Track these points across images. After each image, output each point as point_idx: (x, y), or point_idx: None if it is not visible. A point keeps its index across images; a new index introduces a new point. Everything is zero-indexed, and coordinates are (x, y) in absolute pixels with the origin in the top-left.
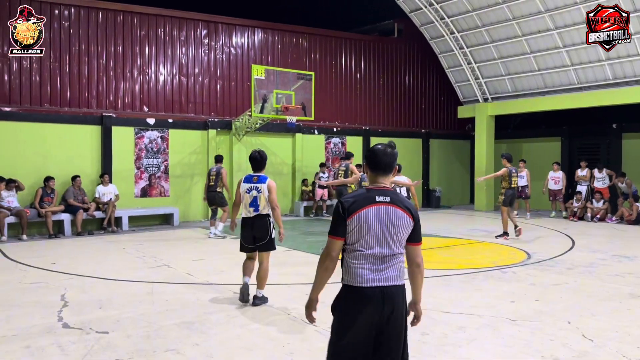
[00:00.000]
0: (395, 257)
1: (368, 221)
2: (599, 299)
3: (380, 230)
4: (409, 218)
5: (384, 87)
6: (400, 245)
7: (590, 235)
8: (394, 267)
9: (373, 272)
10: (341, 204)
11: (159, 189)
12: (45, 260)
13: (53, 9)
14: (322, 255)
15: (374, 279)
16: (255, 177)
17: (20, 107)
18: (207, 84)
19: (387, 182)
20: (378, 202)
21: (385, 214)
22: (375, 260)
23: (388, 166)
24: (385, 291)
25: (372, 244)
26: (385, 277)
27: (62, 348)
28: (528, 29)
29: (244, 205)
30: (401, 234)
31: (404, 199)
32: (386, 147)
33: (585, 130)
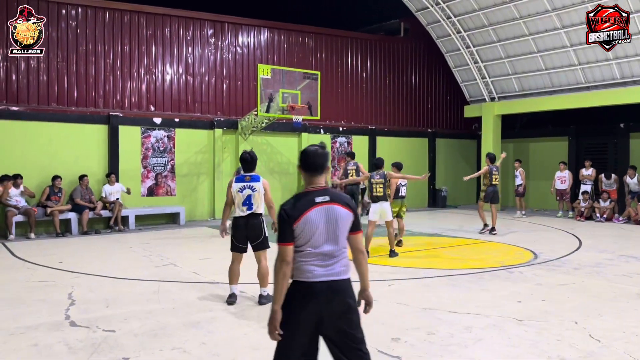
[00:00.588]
0: (342, 252)
1: (313, 223)
2: (606, 299)
3: (325, 229)
4: (349, 212)
5: (390, 86)
6: (345, 239)
7: (597, 235)
8: (341, 262)
9: (322, 268)
10: (284, 212)
11: (165, 188)
12: (53, 259)
13: (60, 9)
14: (276, 264)
15: (323, 274)
16: (247, 176)
17: (27, 106)
18: (214, 83)
19: (322, 182)
20: (319, 203)
21: (328, 213)
22: (323, 257)
23: (320, 166)
24: (332, 285)
25: (320, 243)
26: (333, 272)
27: (70, 346)
28: (535, 28)
29: (236, 205)
30: (344, 229)
31: (340, 194)
32: (317, 148)
33: (592, 130)
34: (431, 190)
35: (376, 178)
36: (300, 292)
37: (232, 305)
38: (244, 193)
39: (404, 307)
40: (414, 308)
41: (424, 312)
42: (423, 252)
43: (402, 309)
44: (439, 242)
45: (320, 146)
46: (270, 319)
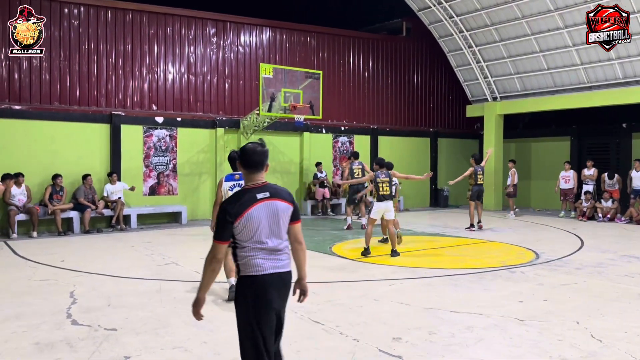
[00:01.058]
0: (285, 245)
1: (255, 219)
2: (608, 299)
3: (268, 225)
4: (289, 205)
5: (392, 85)
6: (286, 232)
7: (599, 235)
8: (284, 254)
9: (269, 261)
10: (226, 210)
11: (167, 188)
12: (55, 258)
13: (63, 8)
14: (208, 258)
15: (271, 267)
16: (237, 175)
17: (30, 105)
18: (216, 82)
19: (261, 178)
20: (260, 200)
21: (269, 208)
22: (268, 251)
23: (259, 164)
24: (281, 276)
25: (264, 238)
26: (279, 265)
27: (71, 345)
28: (537, 27)
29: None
30: (286, 223)
31: (279, 188)
32: (256, 145)
33: (594, 130)
34: (433, 190)
35: (382, 177)
36: (253, 286)
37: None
38: (234, 191)
39: (405, 307)
40: (415, 308)
41: (425, 312)
42: (424, 251)
43: (403, 309)
44: (441, 242)
45: (259, 144)
46: (195, 303)
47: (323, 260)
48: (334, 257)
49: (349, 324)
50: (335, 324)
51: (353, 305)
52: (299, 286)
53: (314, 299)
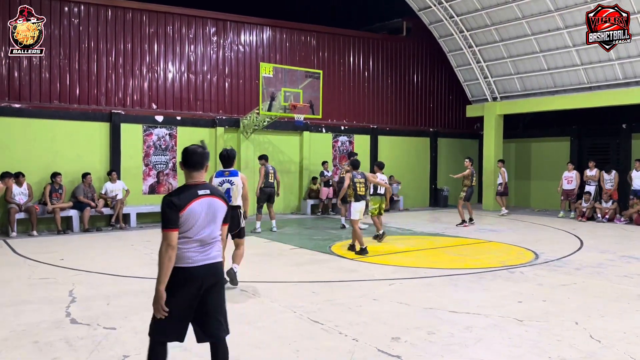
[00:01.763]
0: (217, 239)
1: (196, 213)
2: (607, 300)
3: (205, 219)
4: (225, 205)
5: (392, 85)
6: (219, 228)
7: (598, 235)
8: (215, 247)
9: (200, 254)
10: (172, 201)
11: (166, 186)
12: (54, 256)
13: (63, 6)
14: (162, 249)
15: (201, 259)
16: (226, 172)
17: (30, 103)
18: (216, 81)
19: (201, 178)
20: (201, 196)
21: (208, 204)
22: (201, 244)
23: (199, 164)
24: (210, 268)
25: (199, 231)
26: (210, 257)
27: (70, 343)
28: (537, 28)
29: None
30: (220, 220)
31: (218, 189)
32: (197, 147)
33: (595, 130)
34: (432, 189)
35: (358, 177)
36: (182, 276)
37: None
38: (224, 187)
39: (404, 307)
40: (415, 307)
41: (424, 312)
42: (424, 251)
43: (402, 309)
44: (440, 242)
45: (200, 146)
46: (155, 298)
47: (322, 260)
48: (333, 256)
49: (348, 324)
50: (334, 324)
51: (352, 305)
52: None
53: (314, 298)
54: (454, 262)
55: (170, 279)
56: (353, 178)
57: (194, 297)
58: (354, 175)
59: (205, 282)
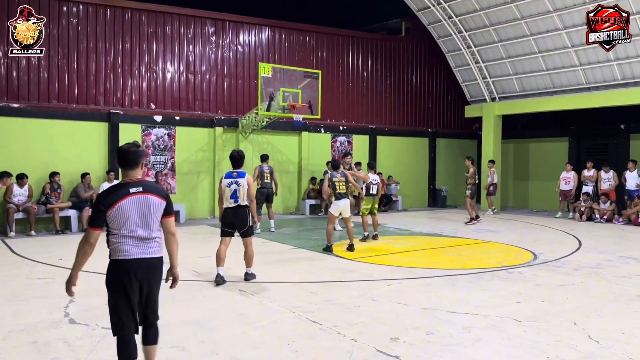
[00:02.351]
0: (154, 235)
1: (126, 210)
2: (606, 300)
3: (138, 216)
4: (161, 200)
5: (391, 85)
6: (158, 224)
7: (597, 236)
8: (153, 243)
9: (136, 248)
10: (100, 200)
11: (165, 186)
12: (52, 256)
13: (61, 6)
14: (81, 242)
15: (137, 253)
16: (235, 173)
17: (28, 103)
18: (214, 81)
19: (137, 175)
20: (132, 193)
21: (141, 202)
22: (137, 239)
23: (133, 162)
24: (146, 262)
25: (133, 227)
26: (146, 252)
27: (69, 343)
28: (536, 28)
29: (225, 197)
30: (157, 215)
31: (155, 185)
32: (131, 146)
33: (593, 131)
34: (431, 190)
35: (337, 176)
36: (119, 268)
37: (220, 286)
38: (231, 188)
39: (403, 307)
40: (413, 308)
41: (423, 312)
42: (422, 251)
43: (401, 309)
44: (439, 242)
45: (134, 145)
46: (67, 281)
47: (321, 260)
48: (332, 256)
49: (347, 324)
50: (333, 324)
51: (351, 305)
52: (171, 274)
53: (312, 298)
54: (452, 262)
55: (108, 270)
56: (332, 178)
57: (132, 288)
58: (332, 174)
59: (141, 275)
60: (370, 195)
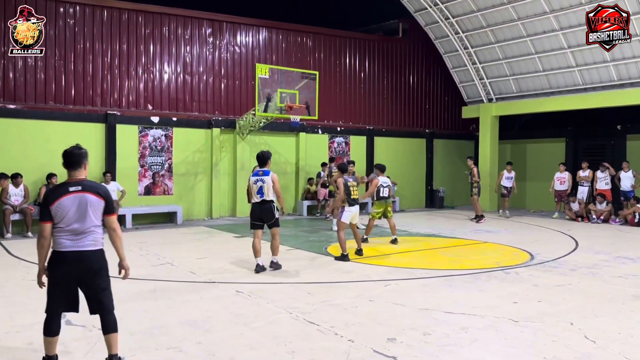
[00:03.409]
0: (90, 230)
1: (65, 207)
2: (602, 301)
3: (76, 212)
4: (99, 199)
5: (388, 86)
6: (96, 220)
7: (593, 236)
8: (89, 238)
9: (72, 241)
10: (45, 197)
11: (162, 187)
12: None
13: (58, 7)
14: (38, 236)
15: (72, 246)
16: (260, 171)
17: (25, 104)
18: (212, 82)
19: (79, 175)
20: (71, 192)
21: (79, 199)
22: (73, 234)
23: (76, 163)
24: (80, 254)
25: (71, 222)
26: (81, 245)
27: (65, 345)
28: (533, 29)
29: (253, 193)
30: (94, 212)
31: (96, 185)
32: (74, 148)
33: (590, 132)
34: (429, 190)
35: (351, 181)
36: (56, 259)
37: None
38: (257, 185)
39: (400, 307)
40: (411, 308)
41: (420, 313)
42: (420, 252)
43: (398, 309)
44: (436, 243)
45: (76, 147)
46: (38, 275)
47: (319, 261)
48: (329, 257)
49: (344, 325)
50: (330, 325)
51: (348, 305)
52: (121, 266)
53: (309, 299)
54: (450, 263)
55: (49, 259)
56: (346, 182)
57: (69, 276)
58: (346, 179)
59: (76, 266)
60: (381, 199)
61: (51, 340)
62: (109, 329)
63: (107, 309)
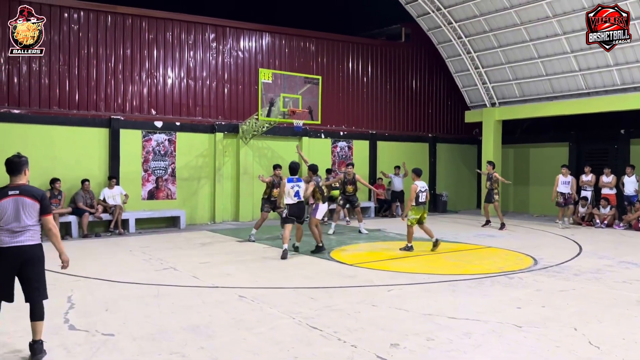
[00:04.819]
0: (27, 228)
1: (3, 208)
2: (606, 306)
3: (13, 213)
4: (33, 201)
5: (391, 91)
6: (30, 220)
7: (597, 241)
8: (26, 234)
9: (9, 238)
10: None
11: (165, 192)
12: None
13: (62, 12)
14: None
15: (9, 242)
16: (294, 178)
17: (29, 109)
18: (215, 87)
19: (19, 180)
20: (10, 195)
21: (15, 202)
22: (11, 231)
23: (15, 170)
24: (19, 249)
25: (9, 222)
26: (18, 241)
27: (68, 350)
28: (536, 34)
29: (288, 195)
30: (29, 213)
31: (32, 189)
32: (15, 157)
33: (593, 136)
34: (431, 195)
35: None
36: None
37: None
38: (294, 189)
39: (403, 313)
40: (414, 313)
41: (423, 318)
42: (423, 257)
43: (401, 314)
44: (439, 248)
45: (17, 156)
46: None
47: (321, 266)
48: (332, 262)
49: (346, 330)
50: (333, 330)
51: (351, 310)
52: (61, 259)
53: (312, 304)
54: (452, 267)
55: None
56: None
57: (10, 268)
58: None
59: (12, 259)
60: (420, 204)
61: None
62: (36, 316)
63: (38, 299)
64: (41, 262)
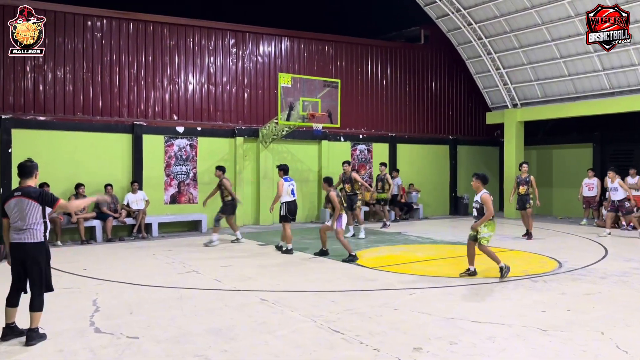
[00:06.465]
0: (29, 227)
1: (10, 207)
2: (633, 309)
3: (17, 212)
4: (34, 202)
5: (411, 93)
6: (33, 219)
7: (623, 243)
8: (27, 232)
9: (16, 234)
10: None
11: (187, 196)
12: (77, 266)
13: (86, 21)
14: None
15: (15, 238)
16: (289, 177)
17: (54, 116)
18: (235, 92)
19: (29, 183)
20: (15, 196)
21: (18, 202)
22: (17, 228)
23: (26, 173)
24: (21, 245)
25: (15, 220)
26: (21, 238)
27: (94, 352)
28: (557, 33)
29: (288, 194)
30: (31, 213)
31: (32, 190)
32: (26, 162)
33: (617, 136)
34: (453, 197)
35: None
36: (10, 247)
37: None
38: (290, 188)
39: (425, 316)
40: (436, 317)
41: (446, 321)
42: (444, 260)
43: (423, 318)
44: (461, 251)
45: (28, 161)
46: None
47: (342, 269)
48: (353, 265)
49: (368, 334)
50: (354, 333)
51: (373, 314)
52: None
53: (333, 307)
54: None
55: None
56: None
57: (18, 262)
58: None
59: (17, 254)
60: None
61: (9, 310)
62: (34, 307)
63: (38, 292)
64: (40, 259)
